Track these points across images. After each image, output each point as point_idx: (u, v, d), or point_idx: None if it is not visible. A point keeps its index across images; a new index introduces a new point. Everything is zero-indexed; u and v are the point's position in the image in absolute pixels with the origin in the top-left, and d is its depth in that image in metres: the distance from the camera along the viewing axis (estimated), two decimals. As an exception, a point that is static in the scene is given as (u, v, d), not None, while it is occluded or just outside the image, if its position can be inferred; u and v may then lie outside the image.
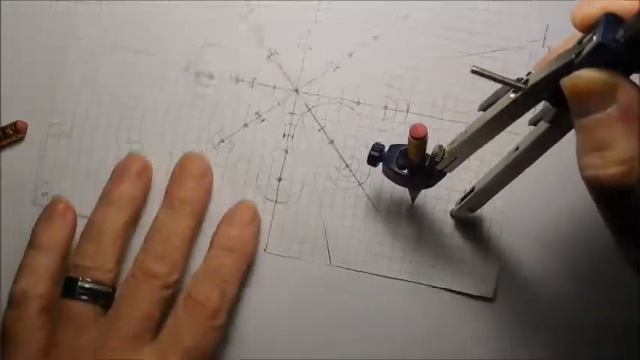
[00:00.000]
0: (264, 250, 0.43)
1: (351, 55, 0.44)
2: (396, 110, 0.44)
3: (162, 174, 0.44)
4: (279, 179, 0.44)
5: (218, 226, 0.42)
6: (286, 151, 0.44)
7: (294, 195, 0.44)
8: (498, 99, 0.32)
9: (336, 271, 0.43)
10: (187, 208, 0.41)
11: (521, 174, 0.36)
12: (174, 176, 0.43)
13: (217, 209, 0.43)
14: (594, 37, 0.27)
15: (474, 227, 0.43)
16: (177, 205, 0.41)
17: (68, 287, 0.40)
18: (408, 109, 0.44)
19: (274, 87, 0.44)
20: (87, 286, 0.40)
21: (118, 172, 0.43)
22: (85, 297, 0.40)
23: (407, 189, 0.42)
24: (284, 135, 0.44)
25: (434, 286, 0.43)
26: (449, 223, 0.43)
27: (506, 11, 0.43)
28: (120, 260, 0.42)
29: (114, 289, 0.41)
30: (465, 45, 0.44)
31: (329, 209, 0.44)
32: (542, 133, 0.32)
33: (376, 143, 0.40)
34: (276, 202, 0.44)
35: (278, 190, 0.44)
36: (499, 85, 0.32)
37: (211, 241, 0.42)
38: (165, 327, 0.39)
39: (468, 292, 0.43)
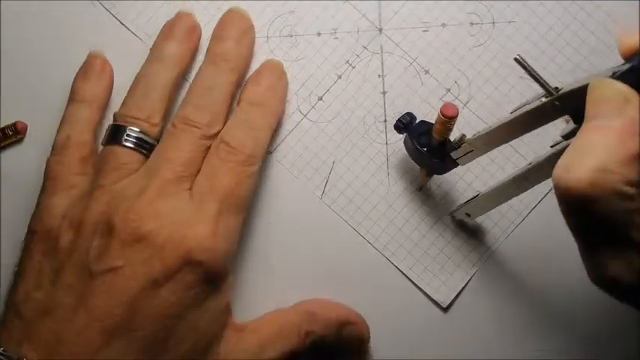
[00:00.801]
0: (271, 152, 0.43)
1: (444, 25, 0.44)
2: (456, 98, 0.44)
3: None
4: (320, 98, 0.44)
5: (245, 84, 0.42)
6: (339, 77, 0.44)
7: (323, 119, 0.44)
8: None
9: (323, 207, 0.43)
10: (228, 63, 0.41)
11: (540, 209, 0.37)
12: (216, 33, 0.43)
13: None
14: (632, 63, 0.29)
15: (470, 235, 0.43)
16: (218, 60, 0.41)
17: (114, 134, 0.40)
18: (466, 103, 0.44)
19: (364, 15, 0.44)
20: (133, 134, 0.39)
21: (167, 30, 0.43)
22: (130, 145, 0.39)
23: (419, 176, 0.43)
24: (346, 62, 0.44)
25: (400, 270, 0.43)
26: (447, 222, 0.43)
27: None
28: (166, 117, 0.41)
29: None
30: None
31: (346, 149, 0.43)
32: (556, 151, 0.33)
33: (407, 113, 0.40)
34: (305, 116, 0.44)
35: (313, 107, 0.44)
36: None
37: (239, 98, 0.42)
38: (200, 174, 0.39)
39: (426, 291, 0.43)
